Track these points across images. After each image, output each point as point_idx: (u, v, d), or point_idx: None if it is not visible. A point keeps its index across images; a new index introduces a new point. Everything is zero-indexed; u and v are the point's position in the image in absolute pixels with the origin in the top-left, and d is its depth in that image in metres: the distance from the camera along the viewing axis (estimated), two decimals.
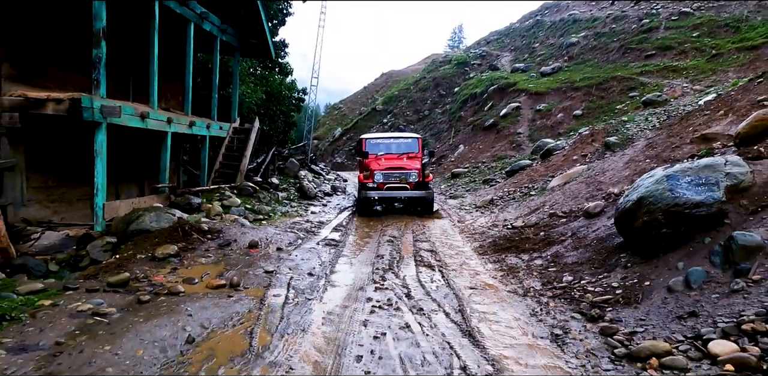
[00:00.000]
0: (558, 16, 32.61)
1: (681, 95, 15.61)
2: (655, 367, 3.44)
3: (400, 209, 11.66)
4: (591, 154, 12.26)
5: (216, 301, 4.49)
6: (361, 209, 11.03)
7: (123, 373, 3.02)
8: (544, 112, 19.46)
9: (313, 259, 6.31)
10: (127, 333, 3.56)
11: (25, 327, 3.60)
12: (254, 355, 3.42)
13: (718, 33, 19.71)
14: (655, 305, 4.45)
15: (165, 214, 6.73)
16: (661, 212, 5.28)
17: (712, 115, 10.10)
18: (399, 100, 36.62)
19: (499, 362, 3.51)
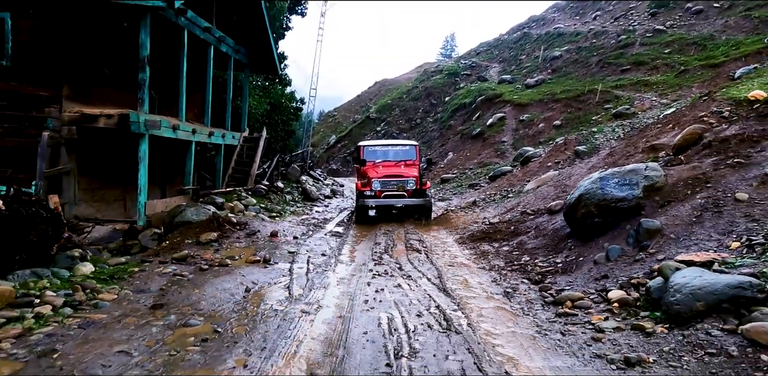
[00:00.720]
0: (544, 29, 34.65)
1: (648, 108, 17.45)
2: (569, 307, 5.09)
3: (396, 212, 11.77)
4: (563, 162, 14.01)
5: (256, 270, 6.11)
6: (359, 217, 11.00)
7: (211, 304, 4.63)
8: (527, 122, 21.27)
9: (324, 245, 7.95)
10: (205, 285, 5.17)
11: (133, 281, 5.21)
12: (294, 299, 5.04)
13: (687, 50, 21.68)
14: (582, 272, 6.12)
15: (202, 209, 8.33)
16: (594, 206, 6.98)
17: (663, 128, 11.86)
18: (392, 108, 38.38)
19: (463, 304, 5.15)
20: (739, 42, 19.99)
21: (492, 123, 22.49)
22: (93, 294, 4.66)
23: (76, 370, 3.19)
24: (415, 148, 12.62)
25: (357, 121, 47.49)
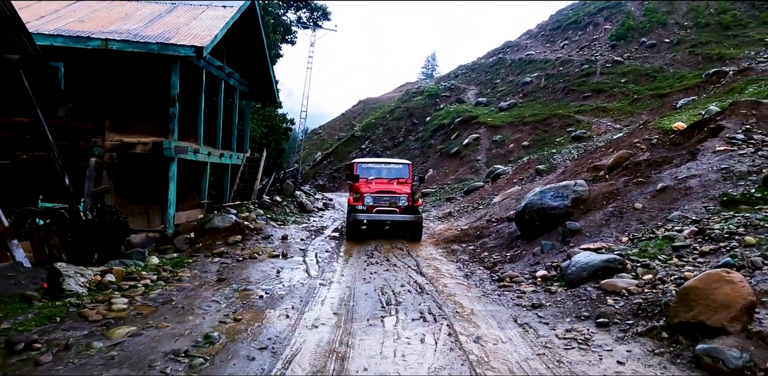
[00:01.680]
0: (517, 55, 37.68)
1: (603, 132, 20.08)
2: (507, 282, 7.27)
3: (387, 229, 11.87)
4: (525, 178, 16.40)
5: (278, 261, 8.20)
6: (350, 232, 11.11)
7: (256, 279, 6.72)
8: (499, 142, 23.77)
9: (326, 245, 10.08)
10: (247, 268, 7.26)
11: (194, 267, 7.26)
12: (312, 278, 7.14)
13: (640, 80, 24.59)
14: (523, 261, 8.35)
15: (226, 217, 10.39)
16: (535, 213, 9.26)
17: (606, 151, 14.33)
18: (376, 127, 40.79)
19: (433, 281, 7.31)
20: (683, 75, 22.93)
21: (468, 143, 24.96)
22: (173, 273, 6.71)
23: (191, 308, 5.26)
24: (407, 167, 12.98)
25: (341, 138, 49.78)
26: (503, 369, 4.03)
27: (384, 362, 4.12)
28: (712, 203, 7.53)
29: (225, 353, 4.06)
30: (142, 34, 10.60)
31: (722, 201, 7.46)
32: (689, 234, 6.58)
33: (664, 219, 7.60)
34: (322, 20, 28.48)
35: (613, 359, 4.17)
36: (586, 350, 4.41)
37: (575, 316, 5.31)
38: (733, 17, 27.63)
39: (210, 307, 5.33)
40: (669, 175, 9.03)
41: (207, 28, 11.18)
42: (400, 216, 11.11)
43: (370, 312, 5.53)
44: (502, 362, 4.17)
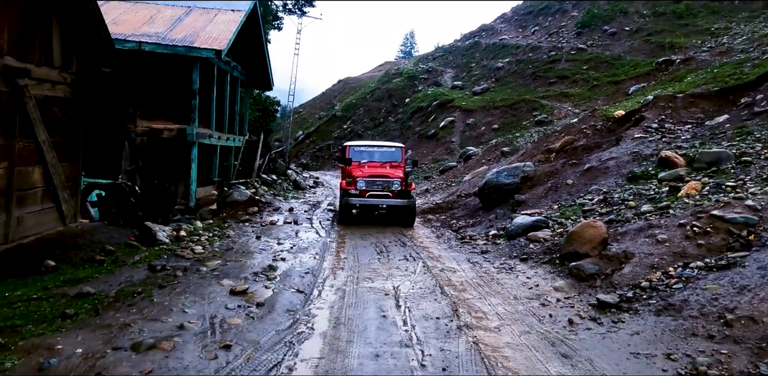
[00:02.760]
0: (492, 39, 39.95)
1: (563, 117, 22.79)
2: (467, 239, 9.92)
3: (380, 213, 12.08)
4: (492, 159, 19.06)
5: (294, 226, 10.69)
6: (341, 216, 11.42)
7: (283, 237, 9.21)
8: (472, 125, 26.34)
9: (326, 215, 12.60)
10: (274, 230, 9.75)
11: (232, 228, 9.70)
12: (322, 237, 9.67)
13: (600, 67, 27.26)
14: (481, 225, 11.02)
15: (243, 192, 12.77)
16: (492, 188, 11.90)
17: (559, 135, 17.01)
18: (357, 107, 42.86)
19: (412, 239, 9.91)
20: (637, 63, 25.66)
21: (444, 125, 27.47)
22: (221, 232, 9.14)
23: (249, 252, 7.75)
24: (401, 151, 13.13)
25: (322, 117, 51.67)
26: (457, 283, 6.66)
27: (382, 277, 6.71)
28: (621, 179, 10.24)
29: (285, 274, 6.59)
30: (169, 38, 12.65)
31: (628, 177, 10.18)
32: (596, 202, 9.30)
33: (585, 191, 10.32)
34: (307, 6, 30.19)
35: (525, 275, 6.85)
36: (509, 273, 7.08)
37: (508, 256, 7.99)
38: (686, 7, 30.30)
39: (261, 253, 7.83)
40: (596, 158, 11.75)
41: (222, 32, 13.25)
42: (393, 201, 11.22)
43: (369, 256, 8.11)
44: (457, 280, 6.80)
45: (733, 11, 29.11)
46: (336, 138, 41.22)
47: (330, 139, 41.95)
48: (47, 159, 7.51)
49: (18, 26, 6.80)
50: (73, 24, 7.95)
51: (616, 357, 4.17)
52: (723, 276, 4.99)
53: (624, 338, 4.53)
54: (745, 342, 3.93)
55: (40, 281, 5.46)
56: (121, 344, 3.80)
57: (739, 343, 3.95)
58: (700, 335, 4.24)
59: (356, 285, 6.35)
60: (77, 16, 7.86)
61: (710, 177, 8.55)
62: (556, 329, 4.89)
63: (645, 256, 6.06)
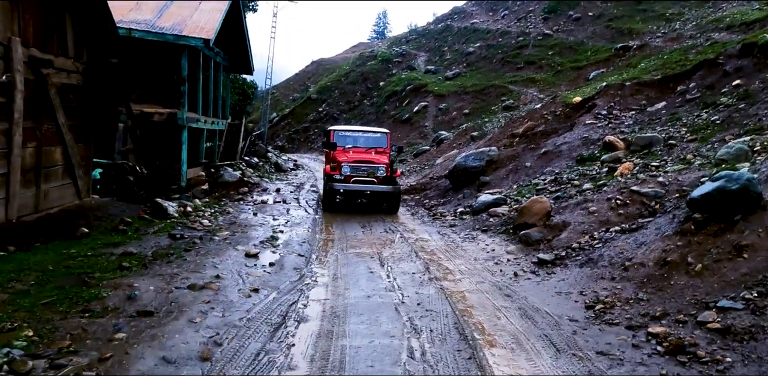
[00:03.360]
0: (464, 22, 41.09)
1: (529, 102, 24.34)
2: (438, 216, 11.38)
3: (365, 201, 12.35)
4: (462, 143, 20.53)
5: (284, 205, 11.95)
6: (325, 202, 11.60)
7: (276, 214, 10.51)
8: (444, 110, 27.72)
9: (311, 195, 13.88)
10: (267, 208, 11.02)
11: (230, 206, 10.92)
12: (311, 214, 10.99)
13: (564, 53, 28.83)
14: (451, 204, 12.51)
15: (233, 173, 13.90)
16: (461, 171, 13.36)
17: (523, 121, 18.54)
18: (332, 90, 43.64)
19: (391, 216, 11.33)
20: (598, 49, 27.31)
21: (418, 110, 28.76)
22: (221, 209, 10.36)
23: (251, 226, 9.02)
24: (386, 136, 13.14)
25: (296, 99, 52.20)
26: (429, 249, 8.11)
27: (366, 245, 8.10)
28: (571, 161, 11.81)
29: (286, 243, 7.92)
30: (158, 26, 13.48)
31: (577, 160, 11.75)
32: (548, 181, 10.86)
33: (540, 173, 11.87)
34: None
35: (484, 243, 8.35)
36: (472, 241, 8.57)
37: (472, 228, 9.48)
38: None
39: (261, 226, 9.11)
40: (551, 143, 13.30)
41: (208, 21, 14.15)
42: (378, 187, 11.29)
43: (354, 229, 9.50)
44: (428, 247, 8.26)
45: None
46: (312, 121, 42.08)
47: (306, 121, 42.74)
48: (66, 140, 8.58)
49: (39, 21, 7.78)
50: (84, 18, 8.92)
51: (544, 295, 5.69)
52: (631, 236, 6.56)
53: (553, 284, 6.06)
54: (633, 280, 5.49)
55: (83, 244, 6.65)
56: (179, 285, 5.10)
57: (630, 281, 5.51)
58: (606, 278, 5.79)
59: (346, 251, 7.74)
60: (88, 11, 8.83)
61: (642, 158, 10.16)
62: (504, 279, 6.40)
63: (578, 224, 7.61)
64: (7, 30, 6.83)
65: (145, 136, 15.40)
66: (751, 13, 21.05)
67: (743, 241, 5.19)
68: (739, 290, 4.66)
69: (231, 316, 4.59)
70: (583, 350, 4.22)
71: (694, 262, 5.31)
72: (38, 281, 4.81)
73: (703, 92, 12.75)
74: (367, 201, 11.93)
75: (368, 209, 12.04)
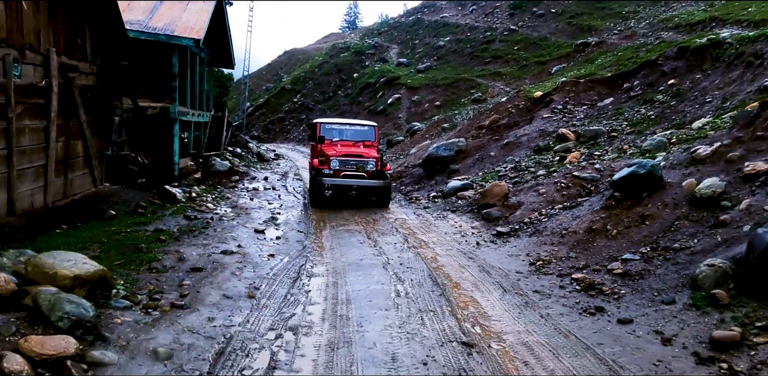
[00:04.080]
0: (434, 16, 42.46)
1: (496, 95, 26.01)
2: (414, 200, 12.90)
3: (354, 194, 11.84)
4: (435, 134, 22.07)
5: (274, 191, 13.28)
6: (314, 197, 11.46)
7: (270, 199, 11.84)
8: (417, 102, 29.18)
9: (296, 183, 15.22)
10: (260, 194, 12.34)
11: (227, 192, 12.19)
12: (300, 199, 12.36)
13: (529, 48, 30.58)
14: (425, 189, 14.04)
15: (223, 163, 15.09)
16: (433, 160, 14.89)
17: (489, 113, 20.17)
18: (306, 81, 44.53)
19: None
20: (560, 45, 29.13)
21: (392, 102, 30.13)
22: (221, 194, 11.61)
23: (251, 209, 10.35)
24: (374, 130, 13.06)
25: (269, 89, 52.86)
26: (407, 226, 9.61)
27: (354, 223, 9.55)
28: (529, 151, 13.46)
29: (285, 222, 9.31)
30: (151, 26, 14.46)
31: (534, 149, 13.41)
32: (509, 169, 12.48)
33: (502, 161, 13.50)
34: None
35: (453, 221, 9.90)
36: (443, 220, 10.12)
37: (443, 209, 11.02)
38: None
39: (259, 209, 10.44)
40: (513, 134, 14.95)
41: (197, 22, 15.18)
42: (368, 181, 11.19)
43: (342, 211, 10.94)
44: (406, 224, 9.76)
45: None
46: (287, 111, 42.97)
47: (281, 112, 43.59)
48: (86, 134, 9.72)
49: (66, 31, 8.87)
50: (99, 26, 10.00)
51: (499, 257, 7.27)
52: (569, 212, 8.20)
53: (507, 249, 7.65)
54: (567, 244, 7.11)
55: (116, 223, 7.88)
56: (213, 251, 6.47)
57: (565, 245, 7.13)
58: (548, 243, 7.41)
59: (337, 228, 9.18)
60: (104, 20, 9.91)
61: (588, 148, 11.88)
62: (468, 247, 7.96)
63: (530, 203, 9.23)
64: (47, 42, 7.94)
65: (138, 129, 16.45)
66: (697, 14, 23.02)
67: (646, 212, 6.86)
68: (639, 247, 6.31)
69: (260, 272, 6.00)
70: (523, 290, 5.80)
71: (611, 229, 6.97)
72: (102, 250, 6.08)
73: (645, 90, 14.55)
74: (356, 195, 11.74)
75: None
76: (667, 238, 6.22)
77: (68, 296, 3.63)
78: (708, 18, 20.76)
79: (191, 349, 3.81)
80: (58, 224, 7.35)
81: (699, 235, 6.00)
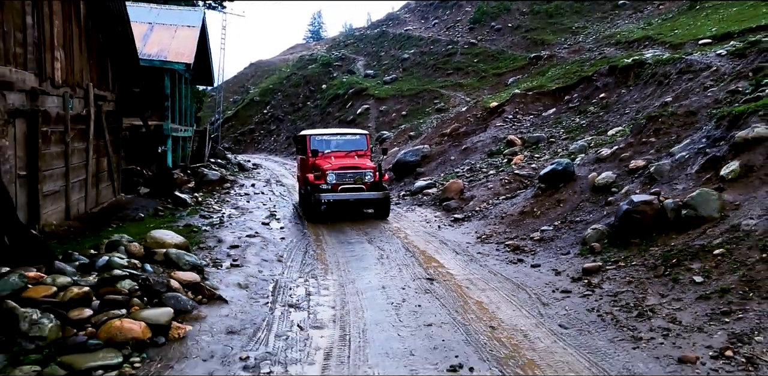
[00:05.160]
0: (399, 29, 45.46)
1: (457, 104, 28.88)
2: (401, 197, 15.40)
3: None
4: (402, 141, 24.68)
5: (263, 195, 15.56)
6: (312, 213, 11.22)
7: (262, 201, 14.14)
8: (384, 112, 31.83)
9: (281, 188, 17.52)
10: (252, 198, 14.61)
11: (225, 196, 14.41)
12: (288, 201, 14.69)
13: (487, 60, 33.72)
14: (396, 190, 16.56)
15: (214, 172, 17.26)
16: (402, 164, 17.45)
17: (451, 122, 22.92)
18: (275, 92, 46.74)
19: None
20: (515, 57, 32.36)
21: (361, 112, 32.69)
22: (221, 198, 13.82)
23: (251, 209, 12.63)
24: (365, 138, 12.97)
25: (237, 101, 54.82)
26: None
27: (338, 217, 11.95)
28: (483, 155, 16.16)
29: (283, 217, 11.65)
30: (146, 52, 16.60)
31: (488, 153, 16.11)
32: (466, 170, 15.12)
33: (461, 164, 16.15)
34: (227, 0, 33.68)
35: (420, 212, 12.42)
36: (412, 212, 12.62)
37: (411, 204, 13.54)
38: (555, 7, 37.50)
39: (258, 209, 12.72)
40: (470, 141, 17.67)
41: (186, 48, 17.41)
42: (367, 194, 11.04)
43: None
44: None
45: (591, 12, 36.72)
46: (257, 123, 45.03)
47: (251, 123, 45.62)
48: (109, 152, 11.87)
49: (97, 67, 11.04)
50: (119, 60, 12.19)
51: (455, 235, 9.80)
52: (509, 201, 10.83)
53: (461, 230, 10.20)
54: (504, 223, 9.71)
55: (150, 222, 10.06)
56: (241, 235, 8.79)
57: (503, 224, 9.73)
58: (491, 224, 9.99)
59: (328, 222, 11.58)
60: (123, 56, 12.10)
61: (531, 152, 14.63)
62: (432, 229, 10.47)
63: (481, 196, 11.84)
64: (87, 78, 10.13)
65: (134, 145, 18.47)
66: (635, 32, 26.32)
67: (561, 198, 9.53)
68: (553, 222, 8.95)
69: (278, 247, 8.38)
70: (470, 252, 8.34)
71: (537, 210, 9.61)
72: None
73: (581, 102, 17.51)
74: (354, 208, 11.82)
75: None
76: (573, 215, 8.89)
77: (185, 253, 5.95)
78: (643, 37, 23.96)
79: (257, 284, 6.18)
80: (104, 224, 9.50)
81: (594, 211, 8.68)
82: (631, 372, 4.09)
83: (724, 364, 4.03)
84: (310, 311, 5.58)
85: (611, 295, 5.76)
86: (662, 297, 5.43)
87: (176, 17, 18.51)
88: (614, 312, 5.32)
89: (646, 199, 7.29)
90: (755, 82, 9.66)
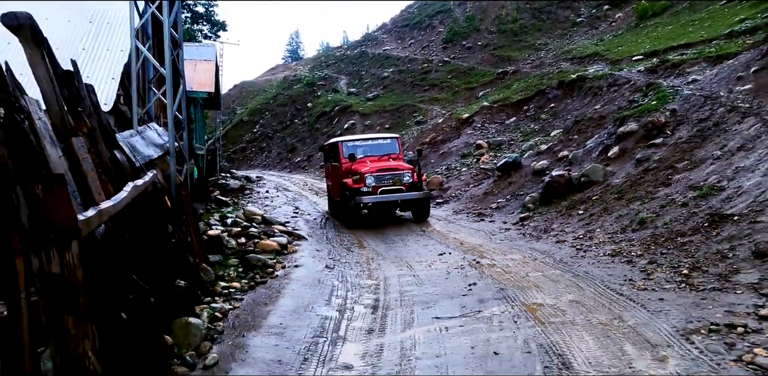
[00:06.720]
0: (377, 49, 50.01)
1: (435, 117, 33.17)
2: None
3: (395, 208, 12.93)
4: None
5: (280, 198, 19.42)
6: (351, 219, 11.68)
7: (283, 202, 18.03)
8: (369, 126, 35.95)
9: (289, 192, 21.42)
10: (273, 200, 18.51)
11: (250, 199, 18.25)
12: (300, 200, 18.59)
13: (460, 76, 38.22)
14: None
15: (234, 181, 21.06)
16: None
17: (430, 132, 27.10)
18: (263, 112, 50.73)
19: None
20: (485, 73, 36.90)
21: (348, 127, 36.77)
22: (249, 201, 17.63)
23: (277, 206, 16.49)
24: (396, 141, 13.26)
25: (225, 122, 58.52)
26: None
27: None
28: (458, 157, 20.29)
29: (306, 211, 15.54)
30: None
31: (461, 156, 20.24)
32: (444, 169, 19.22)
33: (440, 164, 20.25)
34: (221, 31, 37.78)
35: None
36: None
37: None
38: (520, 26, 42.41)
39: (283, 206, 16.58)
40: (446, 146, 21.82)
41: (206, 78, 21.37)
42: (407, 194, 11.33)
43: None
44: None
45: (552, 29, 41.65)
46: (248, 141, 48.86)
47: (242, 142, 49.41)
48: None
49: None
50: None
51: (439, 212, 13.83)
52: (476, 187, 14.90)
53: (442, 209, 14.23)
54: (473, 201, 13.77)
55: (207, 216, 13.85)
56: (287, 213, 12.67)
57: (472, 202, 13.79)
58: (463, 203, 14.04)
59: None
60: None
61: (494, 152, 18.80)
62: None
63: (455, 186, 15.90)
64: None
65: None
66: (589, 48, 30.84)
67: (512, 180, 13.64)
68: (506, 196, 13.02)
69: (315, 223, 12.28)
70: (448, 219, 12.36)
71: (495, 191, 13.70)
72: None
73: (536, 111, 21.84)
74: (394, 210, 12.36)
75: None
76: (519, 190, 12.99)
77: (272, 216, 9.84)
78: (593, 53, 28.41)
79: (318, 235, 10.11)
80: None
81: (533, 187, 12.79)
82: (534, 250, 8.12)
83: (579, 242, 8.08)
84: (352, 243, 9.52)
85: (532, 227, 9.84)
86: (560, 224, 9.50)
87: (195, 53, 22.46)
88: (532, 233, 9.39)
89: (560, 173, 11.46)
90: (643, 94, 13.98)
